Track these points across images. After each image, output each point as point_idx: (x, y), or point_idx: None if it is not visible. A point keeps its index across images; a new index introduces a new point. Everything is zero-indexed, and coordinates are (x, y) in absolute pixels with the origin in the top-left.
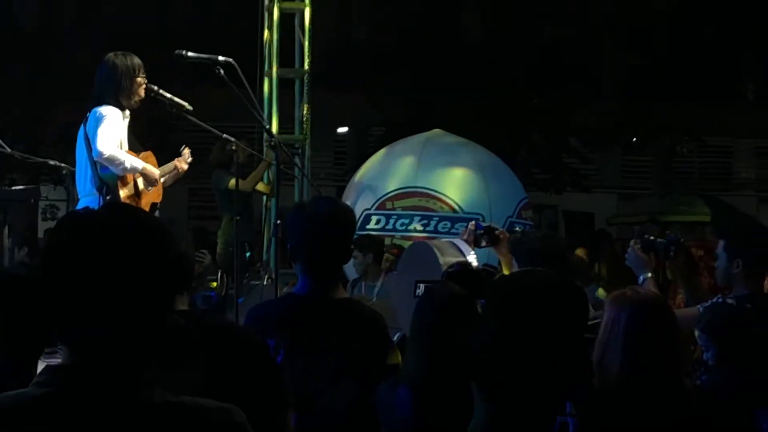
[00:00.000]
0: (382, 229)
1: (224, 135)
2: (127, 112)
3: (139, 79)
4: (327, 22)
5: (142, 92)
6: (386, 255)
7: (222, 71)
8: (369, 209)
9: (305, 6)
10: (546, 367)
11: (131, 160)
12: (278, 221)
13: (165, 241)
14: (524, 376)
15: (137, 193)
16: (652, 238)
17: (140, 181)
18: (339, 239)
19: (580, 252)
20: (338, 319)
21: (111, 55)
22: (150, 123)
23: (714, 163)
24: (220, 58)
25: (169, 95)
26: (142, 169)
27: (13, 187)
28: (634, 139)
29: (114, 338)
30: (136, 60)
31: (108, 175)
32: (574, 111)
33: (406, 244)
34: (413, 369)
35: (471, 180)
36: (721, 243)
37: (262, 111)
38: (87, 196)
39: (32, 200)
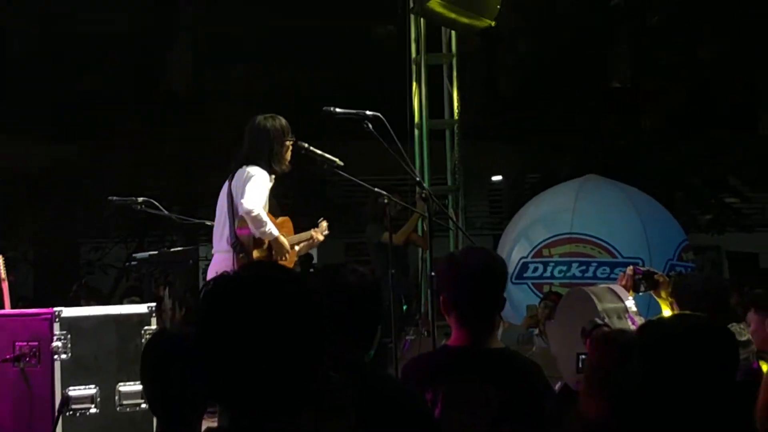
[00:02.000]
0: (540, 276)
1: (375, 189)
2: (273, 177)
3: (288, 143)
4: (475, 72)
5: (289, 155)
6: (544, 302)
7: (371, 126)
8: (526, 257)
9: (452, 57)
10: (695, 413)
11: (271, 227)
12: (433, 273)
13: (314, 300)
14: (672, 423)
15: (270, 257)
16: None
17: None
18: (491, 290)
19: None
20: (494, 369)
21: (260, 117)
22: (304, 178)
23: None
24: (368, 113)
25: (319, 152)
26: (276, 237)
27: (173, 249)
28: None
29: (270, 398)
30: (285, 122)
31: (245, 235)
32: (730, 149)
33: (564, 291)
34: None
35: (628, 224)
36: None
37: (413, 163)
38: (221, 253)
39: (191, 261)
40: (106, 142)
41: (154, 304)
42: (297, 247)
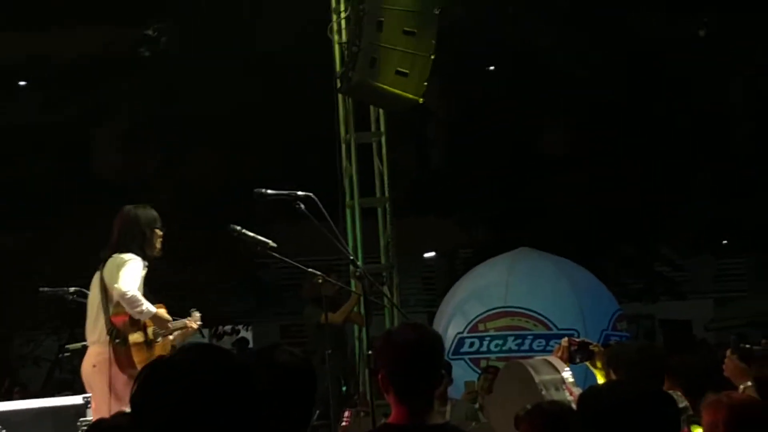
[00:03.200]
0: (477, 351)
1: (310, 269)
2: (146, 264)
3: (158, 231)
4: (405, 150)
5: (159, 244)
6: (484, 376)
7: (303, 206)
8: (461, 333)
9: (381, 135)
10: None
11: (147, 304)
12: (370, 352)
13: (250, 381)
14: None
15: (147, 342)
16: (748, 346)
17: (150, 331)
18: (427, 364)
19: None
20: None
21: (130, 207)
22: (238, 262)
23: None
24: (300, 193)
25: (251, 234)
26: (155, 314)
27: None
28: (725, 242)
29: None
30: (155, 212)
31: (120, 321)
32: (662, 220)
33: (502, 365)
34: None
35: (562, 295)
36: None
37: (346, 242)
38: (95, 344)
39: None
40: (39, 233)
41: (89, 395)
42: (171, 336)
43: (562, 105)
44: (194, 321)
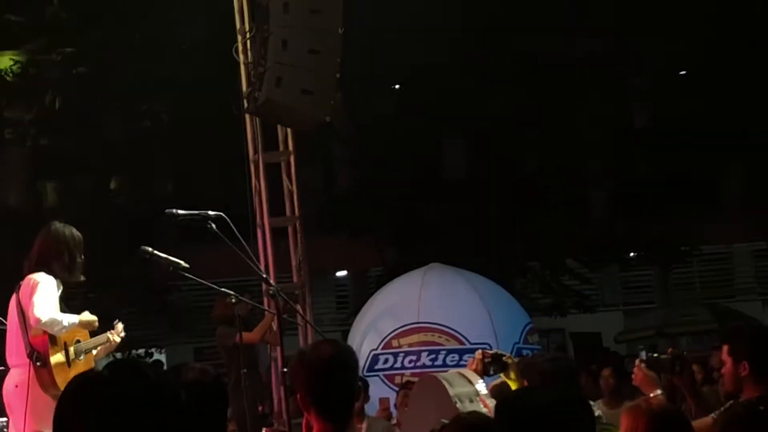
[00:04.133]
0: (391, 368)
1: (223, 289)
2: (60, 283)
3: (80, 255)
4: (312, 169)
5: (80, 270)
6: (403, 391)
7: (214, 226)
8: (375, 349)
9: (290, 154)
10: None
11: (68, 318)
12: (284, 370)
13: (173, 398)
14: None
15: (68, 362)
16: (656, 355)
17: (72, 350)
18: (343, 379)
19: (606, 372)
20: None
21: (58, 224)
22: (148, 286)
23: (714, 271)
24: (211, 213)
25: (164, 255)
26: (79, 321)
27: None
28: (632, 254)
29: None
30: (80, 235)
31: (39, 342)
32: (567, 235)
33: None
34: None
35: (473, 310)
36: (726, 347)
37: (258, 262)
38: (16, 367)
39: None
40: None
41: (5, 419)
42: (94, 351)
43: (465, 123)
44: (117, 333)
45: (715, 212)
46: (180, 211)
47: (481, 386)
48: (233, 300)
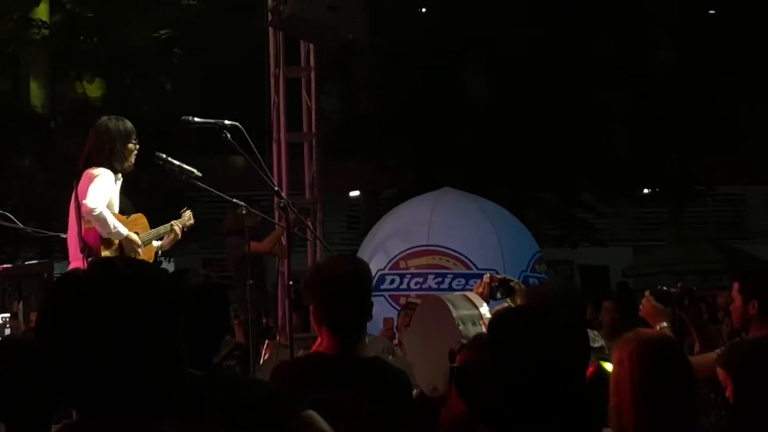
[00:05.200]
0: (396, 288)
1: (234, 200)
2: (120, 176)
3: (130, 145)
4: (333, 88)
5: (133, 159)
6: (404, 311)
7: (229, 135)
8: (383, 269)
9: (311, 71)
10: (547, 406)
11: (118, 225)
12: (291, 283)
13: (166, 295)
14: (525, 415)
15: (122, 256)
16: (665, 288)
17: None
18: (360, 296)
19: (608, 305)
20: (366, 380)
21: (105, 118)
22: (160, 194)
23: (727, 212)
24: (227, 122)
25: (177, 162)
26: (126, 236)
27: (27, 263)
28: (646, 191)
29: (124, 398)
30: (129, 124)
31: (91, 237)
32: (583, 167)
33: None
34: None
35: (483, 236)
36: (736, 285)
37: (272, 176)
38: (75, 260)
39: (45, 275)
40: None
41: (7, 315)
42: (157, 243)
43: (489, 50)
44: (182, 223)
45: (733, 153)
46: (196, 119)
47: (485, 310)
48: (244, 211)
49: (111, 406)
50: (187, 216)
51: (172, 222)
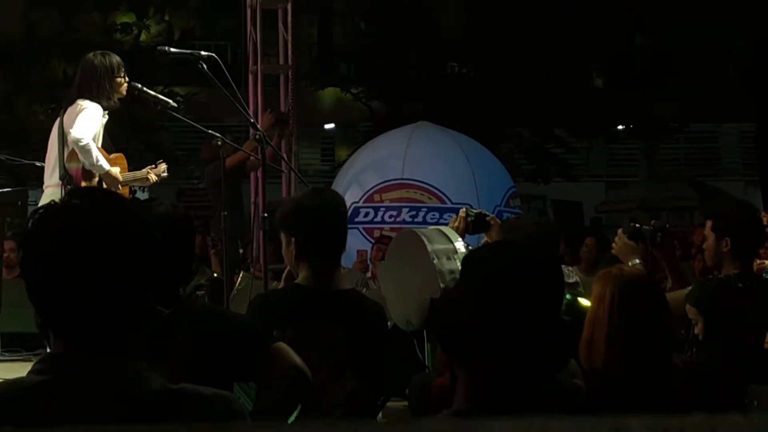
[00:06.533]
0: (371, 221)
1: (210, 131)
2: (106, 113)
3: (118, 79)
4: (309, 21)
5: (123, 91)
6: (377, 246)
7: (205, 66)
8: (357, 202)
9: (288, 2)
10: (522, 341)
11: (101, 159)
12: (265, 215)
13: (144, 226)
14: (499, 349)
15: None
16: (638, 225)
17: (105, 184)
18: (337, 228)
19: (589, 241)
20: (343, 310)
21: (90, 55)
22: (136, 124)
23: (700, 149)
24: (203, 53)
25: (153, 92)
26: (107, 171)
27: (0, 190)
28: (620, 127)
29: (103, 327)
30: (116, 59)
31: (74, 168)
32: (557, 102)
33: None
34: None
35: (458, 170)
36: (709, 223)
37: (248, 107)
38: (50, 187)
39: (19, 202)
40: None
41: None
42: (133, 186)
43: None
44: (157, 173)
45: (708, 91)
46: (172, 49)
47: (460, 245)
48: (219, 142)
49: (83, 337)
50: (162, 168)
51: (148, 168)
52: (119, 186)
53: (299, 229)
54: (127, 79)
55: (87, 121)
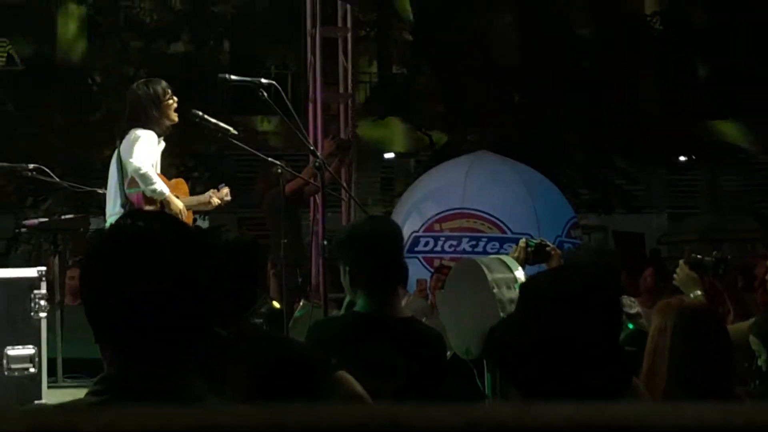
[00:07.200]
0: (431, 251)
1: (270, 159)
2: (162, 139)
3: (166, 103)
4: (369, 50)
5: (173, 114)
6: (436, 275)
7: (266, 94)
8: (417, 231)
9: (348, 31)
10: (578, 368)
11: (162, 185)
12: (325, 242)
13: (203, 248)
14: (555, 375)
15: None
16: (700, 257)
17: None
18: (398, 256)
19: (648, 272)
20: (402, 338)
21: (134, 86)
22: (195, 152)
23: (763, 180)
24: (264, 80)
25: (213, 120)
26: (167, 197)
27: (63, 217)
28: (682, 158)
29: (161, 347)
30: (160, 85)
31: (134, 196)
32: (618, 132)
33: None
34: None
35: (518, 200)
36: None
37: (308, 135)
38: (113, 216)
39: (81, 229)
40: None
41: (44, 268)
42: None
43: (520, 10)
44: (219, 196)
45: None
46: (233, 77)
47: (520, 274)
48: (279, 170)
49: (142, 357)
50: (225, 192)
51: (212, 192)
52: (182, 210)
53: (351, 256)
54: (175, 99)
55: (144, 149)
